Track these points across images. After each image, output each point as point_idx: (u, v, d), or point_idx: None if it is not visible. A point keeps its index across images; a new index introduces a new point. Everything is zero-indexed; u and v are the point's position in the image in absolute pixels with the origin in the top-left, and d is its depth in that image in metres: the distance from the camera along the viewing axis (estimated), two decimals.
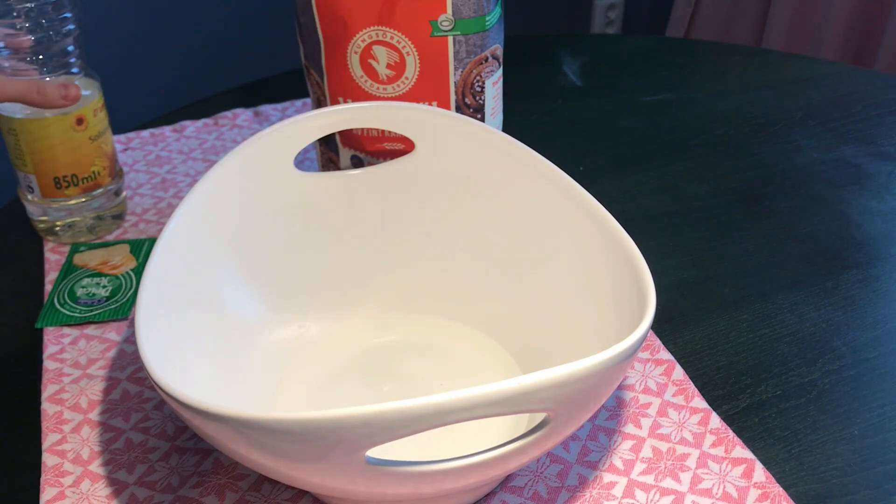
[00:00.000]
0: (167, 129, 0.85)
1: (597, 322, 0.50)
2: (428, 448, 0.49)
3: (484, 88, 0.63)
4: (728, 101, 0.89)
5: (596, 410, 0.45)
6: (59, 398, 0.56)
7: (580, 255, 0.52)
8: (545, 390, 0.38)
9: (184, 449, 0.53)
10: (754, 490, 0.49)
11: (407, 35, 0.60)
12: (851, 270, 0.66)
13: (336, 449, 0.37)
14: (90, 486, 0.51)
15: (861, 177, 0.77)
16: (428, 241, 0.59)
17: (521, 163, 0.55)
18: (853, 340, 0.60)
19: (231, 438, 0.39)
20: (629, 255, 0.47)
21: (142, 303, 0.45)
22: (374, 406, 0.36)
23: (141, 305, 0.45)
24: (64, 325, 0.61)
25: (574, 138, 0.84)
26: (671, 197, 0.75)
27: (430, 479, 0.40)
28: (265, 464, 0.40)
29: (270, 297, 0.57)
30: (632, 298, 0.46)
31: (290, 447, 0.38)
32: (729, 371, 0.58)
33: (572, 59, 0.98)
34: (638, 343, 0.41)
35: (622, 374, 0.43)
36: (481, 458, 0.40)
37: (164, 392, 0.40)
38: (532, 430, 0.41)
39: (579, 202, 0.52)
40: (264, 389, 0.54)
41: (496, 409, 0.37)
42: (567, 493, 0.49)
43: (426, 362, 0.57)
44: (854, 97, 0.89)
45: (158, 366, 0.41)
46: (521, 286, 0.57)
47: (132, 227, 0.72)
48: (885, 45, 1.47)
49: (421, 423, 0.37)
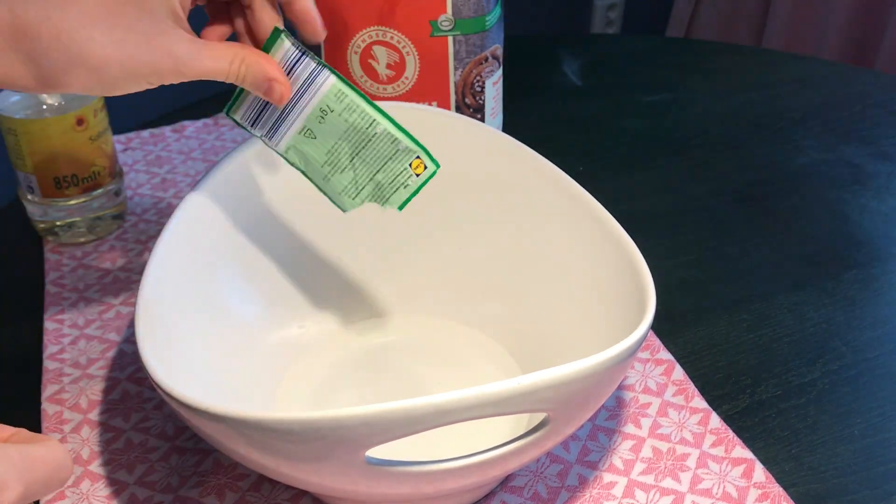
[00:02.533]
0: (167, 129, 0.85)
1: (597, 322, 0.50)
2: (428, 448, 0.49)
3: (484, 88, 0.63)
4: (728, 101, 0.89)
5: (596, 410, 0.45)
6: (59, 398, 0.56)
7: (580, 254, 0.52)
8: (545, 390, 0.38)
9: (184, 449, 0.53)
10: (754, 490, 0.49)
11: (407, 35, 0.60)
12: (851, 270, 0.66)
13: (336, 449, 0.37)
14: (90, 486, 0.51)
15: (861, 177, 0.77)
16: (428, 241, 0.59)
17: (522, 163, 0.55)
18: (853, 340, 0.60)
19: (231, 438, 0.39)
20: (629, 255, 0.47)
21: (142, 303, 0.45)
22: (374, 406, 0.36)
23: (141, 305, 0.45)
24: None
25: (574, 138, 0.84)
26: (671, 197, 0.75)
27: (430, 479, 0.40)
28: (265, 464, 0.40)
29: (270, 298, 0.57)
30: (632, 298, 0.46)
31: (290, 447, 0.38)
32: (729, 371, 0.58)
33: (572, 59, 0.98)
34: (638, 343, 0.41)
35: (622, 374, 0.43)
36: (481, 458, 0.40)
37: (164, 392, 0.40)
38: (532, 430, 0.41)
39: (579, 202, 0.52)
40: (264, 390, 0.54)
41: (496, 409, 0.37)
42: (567, 493, 0.49)
43: (426, 362, 0.57)
44: (854, 97, 0.89)
45: (158, 366, 0.41)
46: (520, 286, 0.57)
47: (132, 227, 0.72)
48: (885, 45, 1.47)
49: (421, 423, 0.37)
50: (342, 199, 0.49)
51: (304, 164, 0.49)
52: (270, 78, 0.46)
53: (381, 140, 0.47)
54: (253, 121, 0.48)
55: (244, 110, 0.48)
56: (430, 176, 0.48)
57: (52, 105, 0.65)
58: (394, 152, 0.48)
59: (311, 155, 0.48)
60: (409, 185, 0.48)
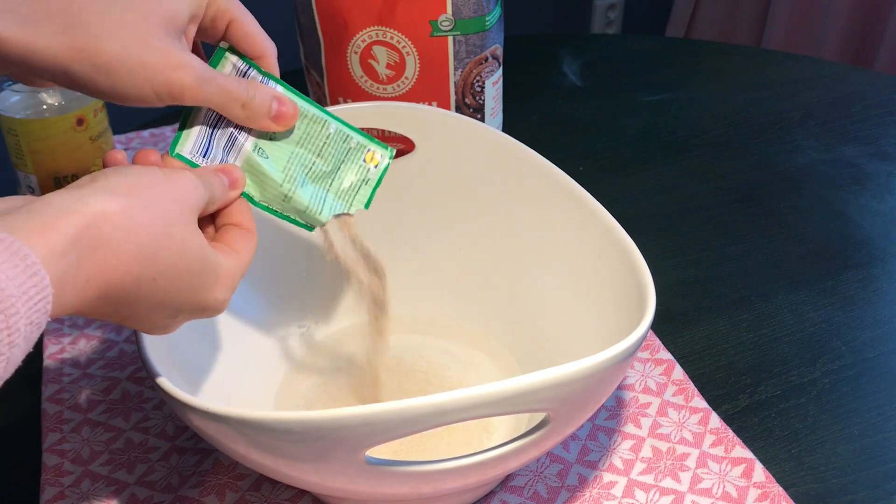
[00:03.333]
0: (167, 130, 0.85)
1: (597, 322, 0.50)
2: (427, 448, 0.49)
3: (484, 88, 0.63)
4: (728, 101, 0.89)
5: (596, 410, 0.45)
6: (59, 398, 0.56)
7: (580, 254, 0.52)
8: (545, 390, 0.38)
9: (184, 449, 0.53)
10: (754, 490, 0.49)
11: (407, 35, 0.60)
12: (851, 270, 0.66)
13: (336, 449, 0.37)
14: (90, 486, 0.51)
15: (861, 177, 0.77)
16: (428, 240, 0.59)
17: (522, 163, 0.55)
18: (853, 340, 0.60)
19: (232, 438, 0.39)
20: (629, 255, 0.47)
21: None
22: (374, 406, 0.36)
23: None
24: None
25: (574, 138, 0.84)
26: (671, 197, 0.75)
27: (430, 479, 0.40)
28: (265, 463, 0.40)
29: (269, 297, 0.57)
30: (632, 298, 0.46)
31: (290, 447, 0.38)
32: (729, 371, 0.58)
33: (572, 59, 0.98)
34: (638, 343, 0.41)
35: (622, 374, 0.43)
36: (481, 457, 0.40)
37: (166, 393, 0.40)
38: (532, 430, 0.41)
39: (580, 202, 0.52)
40: (264, 389, 0.54)
41: (496, 408, 0.37)
42: (567, 493, 0.49)
43: (426, 362, 0.57)
44: (854, 97, 0.89)
45: (160, 366, 0.41)
46: (521, 286, 0.57)
47: None
48: (885, 45, 1.47)
49: (421, 423, 0.37)
50: (308, 216, 0.46)
51: (260, 192, 0.45)
52: (276, 97, 0.44)
53: (335, 140, 0.46)
54: (203, 152, 0.45)
55: (191, 145, 0.44)
56: (387, 166, 0.48)
57: (52, 105, 0.65)
58: (347, 150, 0.47)
59: (268, 175, 0.45)
60: (369, 180, 0.48)
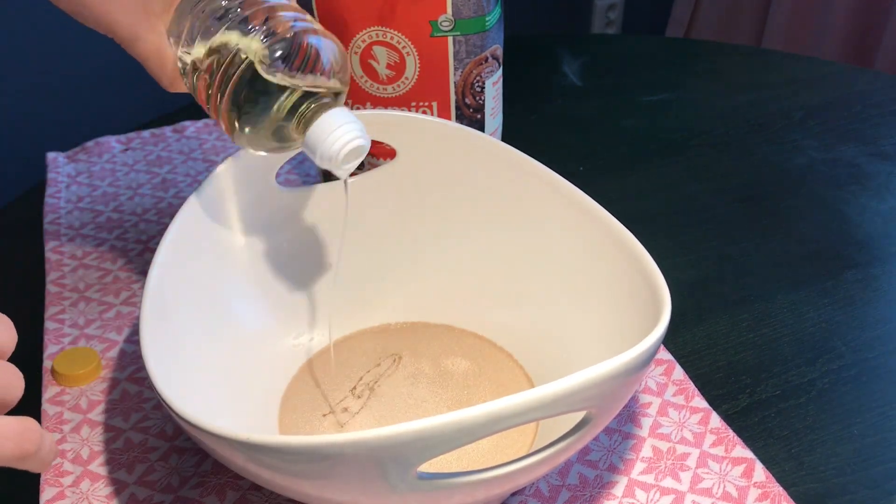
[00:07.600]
0: (168, 130, 0.85)
1: (603, 323, 0.50)
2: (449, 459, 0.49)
3: (484, 88, 0.63)
4: (728, 101, 0.89)
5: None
6: (59, 399, 0.56)
7: (582, 258, 0.52)
8: (590, 388, 0.38)
9: (184, 449, 0.53)
10: (754, 490, 0.49)
11: (407, 35, 0.60)
12: (851, 270, 0.66)
13: (388, 467, 0.36)
14: (90, 486, 0.51)
15: (861, 177, 0.77)
16: (433, 248, 0.59)
17: (524, 172, 0.54)
18: (853, 340, 0.60)
19: (264, 465, 0.38)
20: (632, 255, 0.47)
21: (145, 313, 0.45)
22: (428, 419, 0.35)
23: (144, 315, 0.45)
24: None
25: (574, 138, 0.84)
26: (671, 197, 0.75)
27: (483, 487, 0.40)
28: (294, 488, 0.39)
29: (274, 303, 0.56)
30: (639, 295, 0.46)
31: (336, 469, 0.37)
32: (729, 371, 0.58)
33: (572, 59, 0.98)
34: (662, 336, 0.41)
35: (650, 369, 0.43)
36: (531, 460, 0.40)
37: (182, 419, 0.39)
38: (575, 429, 0.42)
39: (583, 207, 0.51)
40: (269, 399, 0.54)
41: (546, 411, 0.37)
42: (568, 493, 0.50)
43: (434, 371, 0.57)
44: (854, 97, 0.89)
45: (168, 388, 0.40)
46: (525, 292, 0.56)
47: (132, 227, 0.72)
48: (885, 45, 1.47)
49: (478, 432, 0.36)
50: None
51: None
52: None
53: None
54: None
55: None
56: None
57: None
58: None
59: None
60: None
